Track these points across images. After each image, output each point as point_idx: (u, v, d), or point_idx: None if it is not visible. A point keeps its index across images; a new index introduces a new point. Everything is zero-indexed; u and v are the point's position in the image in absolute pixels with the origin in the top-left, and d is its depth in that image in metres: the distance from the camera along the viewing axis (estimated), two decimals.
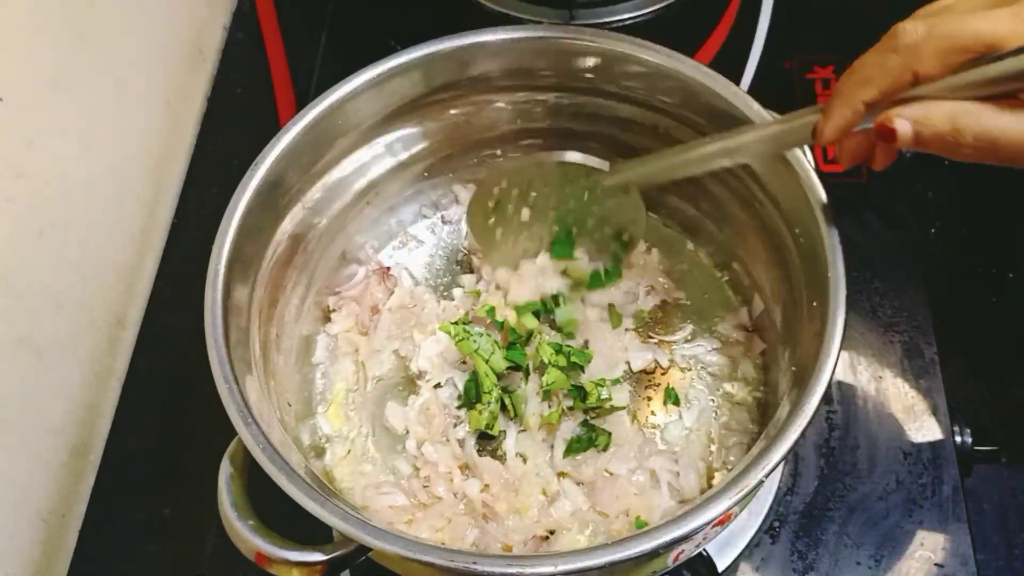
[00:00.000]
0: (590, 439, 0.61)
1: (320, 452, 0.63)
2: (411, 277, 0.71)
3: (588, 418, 0.63)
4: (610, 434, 0.61)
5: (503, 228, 0.66)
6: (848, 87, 0.42)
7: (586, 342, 0.65)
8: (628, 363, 0.65)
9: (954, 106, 0.39)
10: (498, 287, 0.67)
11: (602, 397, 0.62)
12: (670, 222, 0.71)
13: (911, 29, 0.39)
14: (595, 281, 0.66)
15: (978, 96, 0.39)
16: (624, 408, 0.63)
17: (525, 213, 0.65)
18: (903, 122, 0.40)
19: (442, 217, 0.73)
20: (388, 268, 0.70)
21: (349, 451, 0.63)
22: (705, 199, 0.67)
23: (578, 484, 0.60)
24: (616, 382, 0.63)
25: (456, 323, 0.64)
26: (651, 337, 0.67)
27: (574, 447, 0.61)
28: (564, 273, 0.67)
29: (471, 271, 0.70)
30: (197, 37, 0.86)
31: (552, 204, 0.64)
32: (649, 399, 0.64)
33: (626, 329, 0.67)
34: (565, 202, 0.64)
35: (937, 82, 0.40)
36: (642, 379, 0.65)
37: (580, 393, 0.62)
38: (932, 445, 0.66)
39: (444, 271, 0.71)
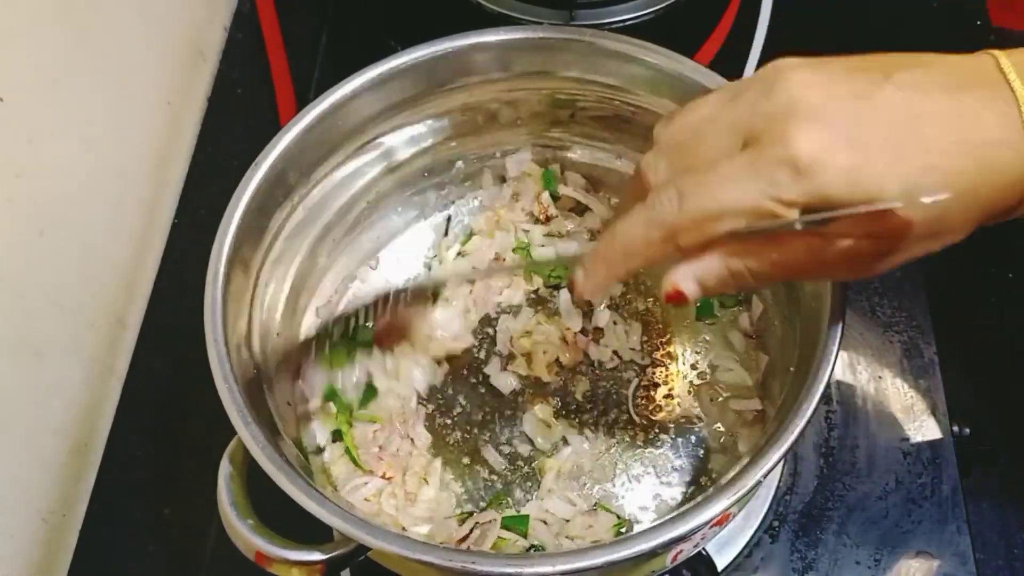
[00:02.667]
0: None
1: (318, 450, 0.63)
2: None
3: None
4: None
5: None
6: (613, 256, 0.43)
7: None
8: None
9: (724, 258, 0.41)
10: None
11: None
12: None
13: (667, 203, 0.40)
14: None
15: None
16: None
17: None
18: (689, 284, 0.42)
19: (442, 216, 0.73)
20: None
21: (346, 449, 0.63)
22: None
23: None
24: None
25: None
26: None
27: None
28: None
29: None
30: (197, 37, 0.86)
31: None
32: (649, 398, 0.65)
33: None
34: None
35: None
36: (642, 379, 0.66)
37: None
38: (931, 445, 0.66)
39: None
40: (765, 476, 0.46)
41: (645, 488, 0.61)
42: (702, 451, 0.62)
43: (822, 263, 0.41)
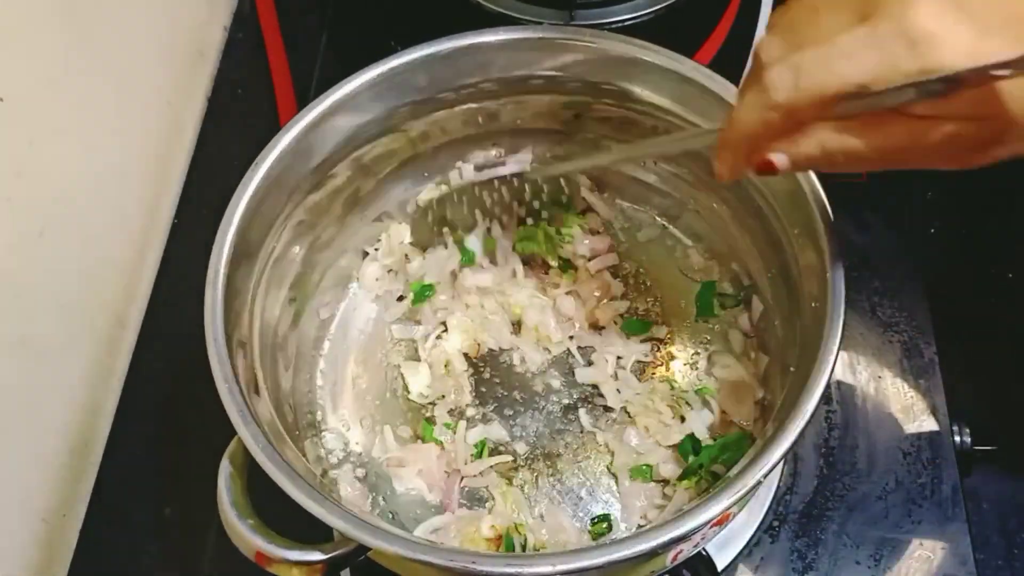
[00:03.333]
0: None
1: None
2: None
3: None
4: None
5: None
6: (736, 140, 0.43)
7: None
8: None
9: (821, 134, 0.41)
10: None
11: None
12: (667, 224, 0.71)
13: (780, 83, 0.40)
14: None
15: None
16: None
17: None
18: (780, 156, 0.42)
19: None
20: None
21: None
22: (704, 201, 0.67)
23: None
24: None
25: None
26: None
27: None
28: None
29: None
30: (197, 37, 0.86)
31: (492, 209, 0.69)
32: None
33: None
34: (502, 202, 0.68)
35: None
36: (642, 378, 0.66)
37: None
38: (931, 445, 0.66)
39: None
40: (765, 476, 0.46)
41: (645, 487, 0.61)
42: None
43: (923, 148, 0.40)
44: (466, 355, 0.67)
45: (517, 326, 0.68)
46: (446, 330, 0.68)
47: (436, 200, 0.68)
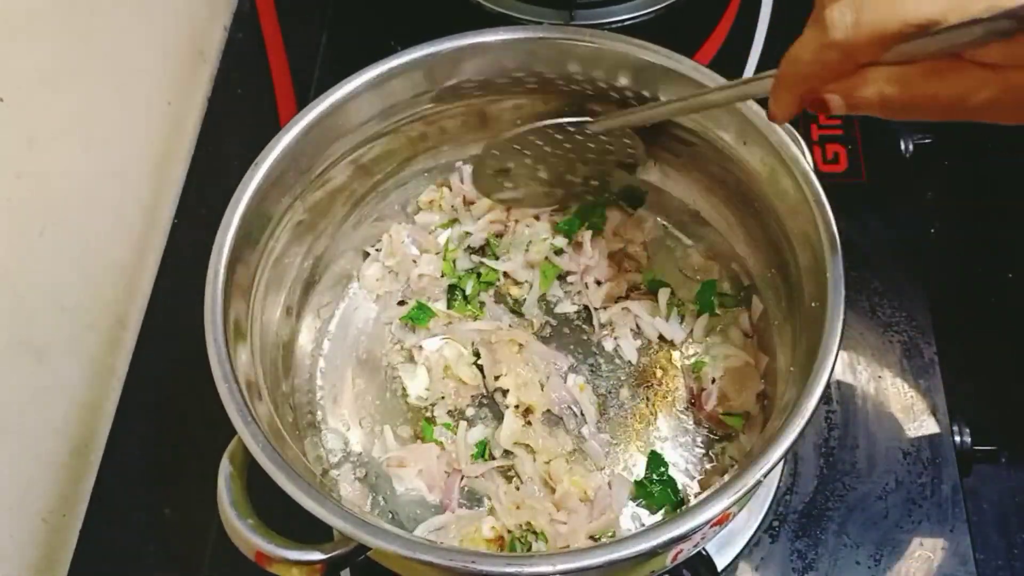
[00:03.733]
0: None
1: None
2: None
3: None
4: None
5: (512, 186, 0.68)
6: (791, 79, 0.42)
7: None
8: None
9: (880, 79, 0.40)
10: None
11: None
12: (668, 223, 0.71)
13: (840, 21, 0.39)
14: None
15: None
16: None
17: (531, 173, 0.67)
18: (835, 98, 0.41)
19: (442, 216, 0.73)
20: None
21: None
22: (704, 201, 0.67)
23: None
24: None
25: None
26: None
27: None
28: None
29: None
30: (197, 37, 0.86)
31: (553, 162, 0.66)
32: (648, 400, 0.65)
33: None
34: (563, 156, 0.65)
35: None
36: (642, 382, 0.66)
37: None
38: (931, 445, 0.66)
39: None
40: (765, 476, 0.46)
41: None
42: (701, 450, 0.62)
43: (987, 99, 0.39)
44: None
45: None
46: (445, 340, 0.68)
47: (498, 146, 0.65)
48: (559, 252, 0.70)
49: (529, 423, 0.64)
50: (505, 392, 0.64)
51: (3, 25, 0.58)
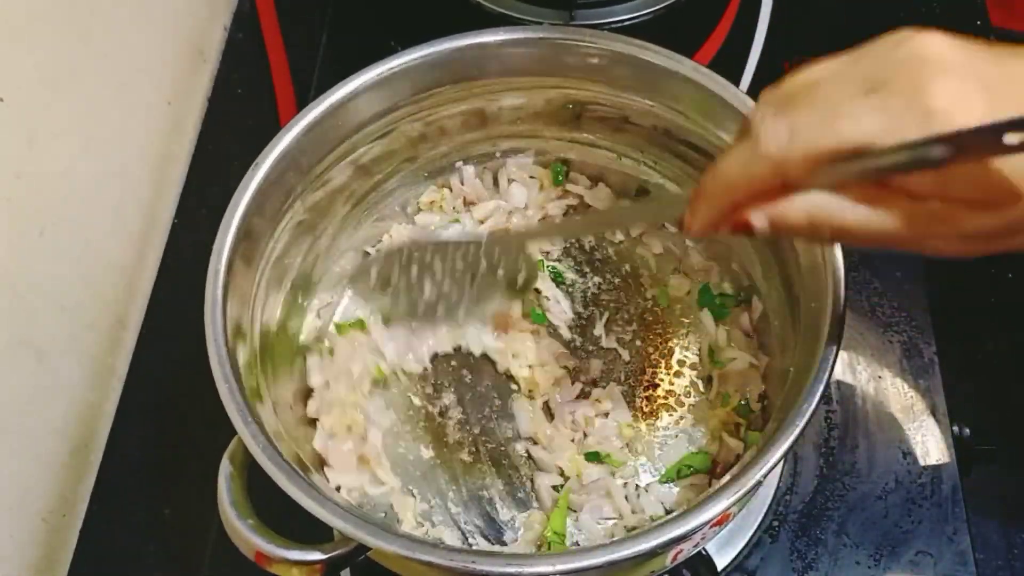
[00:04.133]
0: None
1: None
2: None
3: None
4: None
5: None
6: (716, 190, 0.40)
7: None
8: None
9: (809, 203, 0.38)
10: None
11: None
12: (667, 223, 0.71)
13: (773, 135, 0.37)
14: None
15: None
16: None
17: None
18: (760, 217, 0.39)
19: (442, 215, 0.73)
20: None
21: None
22: None
23: None
24: None
25: None
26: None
27: None
28: None
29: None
30: (197, 37, 0.86)
31: (439, 279, 0.61)
32: (648, 399, 0.65)
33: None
34: (450, 273, 0.61)
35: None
36: (642, 378, 0.66)
37: None
38: (931, 445, 0.66)
39: None
40: (765, 476, 0.46)
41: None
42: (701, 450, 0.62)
43: (921, 231, 0.37)
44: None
45: None
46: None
47: (381, 257, 0.62)
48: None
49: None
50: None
51: (3, 25, 0.58)
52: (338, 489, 0.60)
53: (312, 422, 0.62)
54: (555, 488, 0.61)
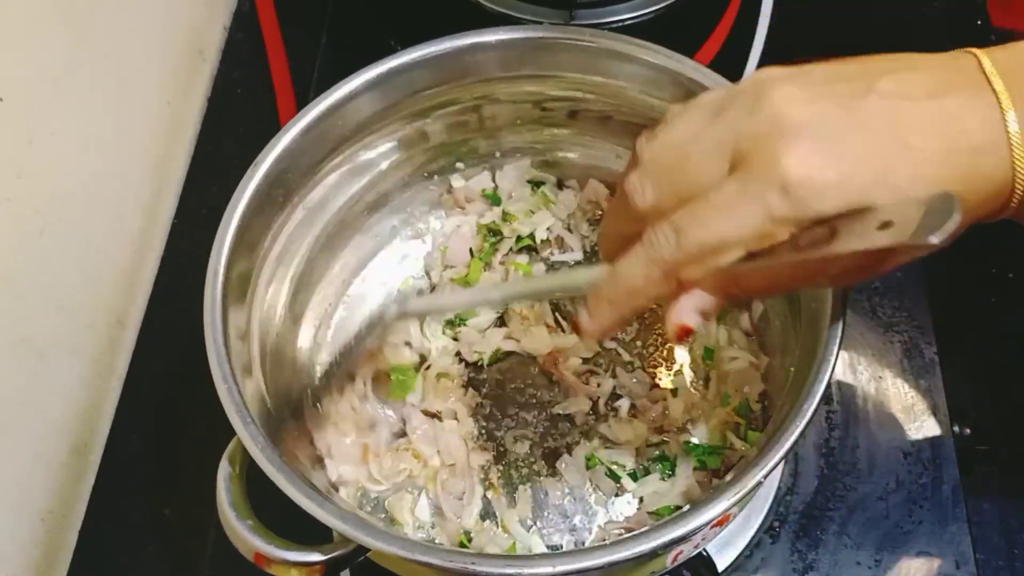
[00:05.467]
0: None
1: None
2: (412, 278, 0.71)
3: None
4: None
5: None
6: (617, 296, 0.43)
7: None
8: None
9: (718, 282, 0.42)
10: None
11: None
12: None
13: (663, 239, 0.40)
14: None
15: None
16: None
17: None
18: (692, 316, 0.43)
19: (443, 215, 0.73)
20: None
21: None
22: None
23: None
24: None
25: None
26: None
27: None
28: None
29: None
30: (197, 37, 0.86)
31: None
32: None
33: None
34: None
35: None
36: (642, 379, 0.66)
37: None
38: (932, 445, 0.66)
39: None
40: (766, 476, 0.45)
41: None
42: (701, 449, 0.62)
43: (813, 277, 0.43)
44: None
45: None
46: None
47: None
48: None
49: None
50: None
51: (3, 25, 0.58)
52: (337, 486, 0.60)
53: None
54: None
